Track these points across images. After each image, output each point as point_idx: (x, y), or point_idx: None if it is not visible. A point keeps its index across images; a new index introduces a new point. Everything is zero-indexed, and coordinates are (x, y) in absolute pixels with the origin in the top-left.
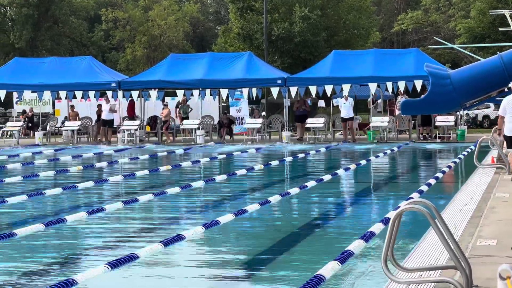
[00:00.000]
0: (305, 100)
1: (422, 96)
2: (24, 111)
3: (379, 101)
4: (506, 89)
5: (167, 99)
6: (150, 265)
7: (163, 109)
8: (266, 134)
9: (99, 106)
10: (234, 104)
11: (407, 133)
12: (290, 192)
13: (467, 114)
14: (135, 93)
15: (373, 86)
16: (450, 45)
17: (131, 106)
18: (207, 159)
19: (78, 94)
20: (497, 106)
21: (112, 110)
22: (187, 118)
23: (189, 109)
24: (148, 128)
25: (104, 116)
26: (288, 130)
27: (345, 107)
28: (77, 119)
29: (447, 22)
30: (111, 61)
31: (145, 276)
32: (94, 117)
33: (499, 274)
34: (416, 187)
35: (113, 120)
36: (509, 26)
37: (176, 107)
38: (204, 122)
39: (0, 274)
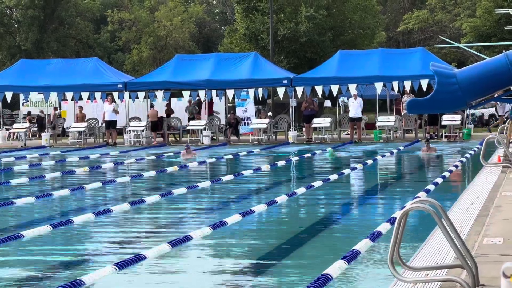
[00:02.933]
0: (313, 99)
1: (428, 95)
2: (29, 113)
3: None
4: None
5: (173, 100)
6: (157, 266)
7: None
8: (273, 134)
9: None
10: (240, 104)
11: (414, 132)
12: (296, 192)
13: (473, 114)
14: (141, 94)
15: (379, 86)
16: (456, 44)
17: (211, 105)
18: (214, 159)
19: (85, 95)
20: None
21: (115, 111)
22: (193, 118)
23: (196, 110)
24: None
25: (107, 117)
26: (295, 130)
27: (354, 106)
28: (84, 120)
29: (453, 21)
30: (117, 62)
31: (152, 276)
32: (101, 119)
33: (503, 272)
34: (423, 186)
35: (116, 121)
36: None
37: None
38: (210, 123)
39: (8, 275)
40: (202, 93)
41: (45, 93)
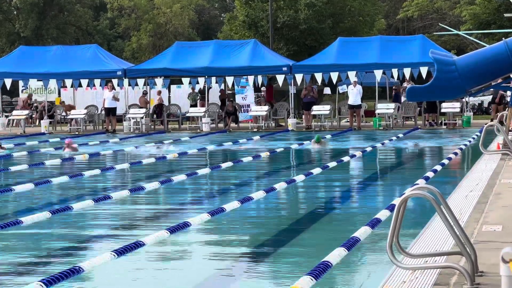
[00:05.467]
0: (313, 87)
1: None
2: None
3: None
4: (511, 75)
5: (173, 87)
6: (156, 252)
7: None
8: (272, 121)
9: None
10: (239, 91)
11: (413, 119)
12: (295, 179)
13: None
14: (140, 81)
15: (378, 73)
16: (456, 32)
17: (270, 92)
18: (213, 146)
19: (84, 82)
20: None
21: (115, 98)
22: (195, 105)
23: (198, 97)
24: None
25: (107, 104)
26: (294, 118)
27: (353, 94)
28: (71, 108)
29: (453, 9)
30: (116, 50)
31: (151, 263)
32: (100, 106)
33: (502, 257)
34: (422, 174)
35: (116, 108)
36: None
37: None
38: (210, 110)
39: (7, 262)
40: (201, 80)
41: (44, 80)
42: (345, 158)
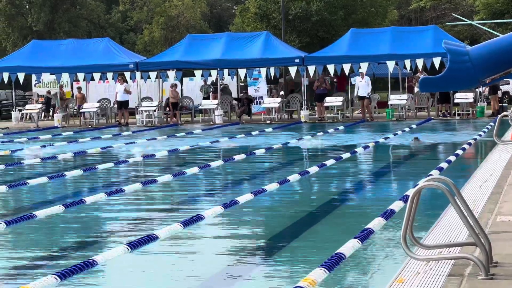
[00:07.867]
0: (325, 78)
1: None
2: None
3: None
4: None
5: (185, 79)
6: (169, 246)
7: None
8: (285, 113)
9: None
10: (252, 83)
11: (426, 110)
12: (309, 171)
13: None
14: (153, 74)
15: (391, 64)
16: (469, 22)
17: (342, 80)
18: (226, 138)
19: (96, 76)
20: None
21: (127, 91)
22: (208, 98)
23: (211, 89)
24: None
25: (119, 97)
26: (307, 109)
27: (362, 86)
28: (84, 101)
29: None
30: (128, 43)
31: (164, 256)
32: (113, 99)
33: None
34: (436, 165)
35: (128, 101)
36: None
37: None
38: (223, 102)
39: (21, 255)
40: (214, 73)
41: (57, 73)
42: (359, 150)
